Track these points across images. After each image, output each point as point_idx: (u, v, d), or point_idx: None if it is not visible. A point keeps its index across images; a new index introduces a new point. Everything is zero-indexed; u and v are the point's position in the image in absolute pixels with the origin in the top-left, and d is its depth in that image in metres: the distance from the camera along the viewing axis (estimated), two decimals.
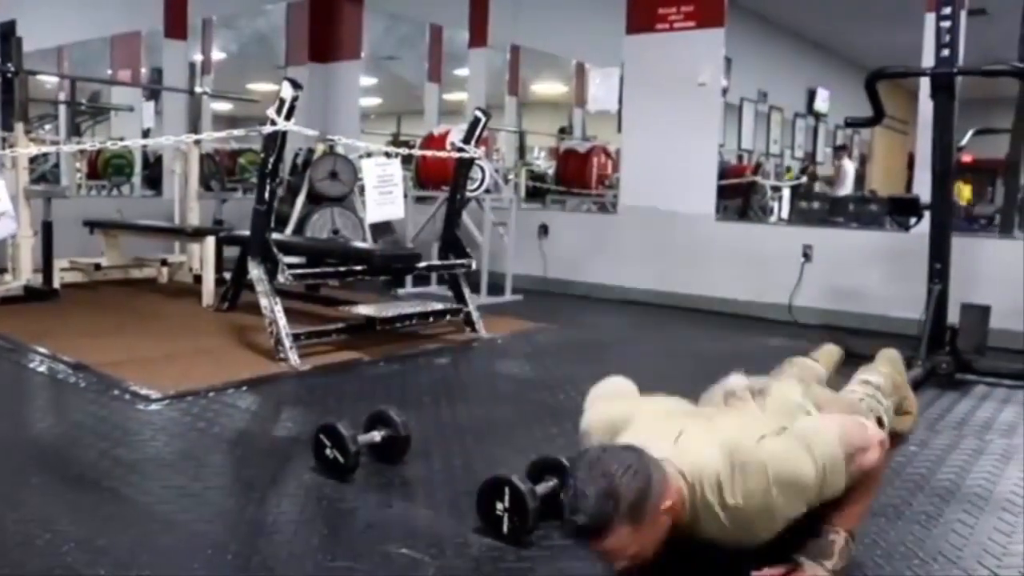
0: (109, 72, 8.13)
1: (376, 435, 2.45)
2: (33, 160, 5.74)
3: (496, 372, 3.90)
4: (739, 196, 7.51)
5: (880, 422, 2.17)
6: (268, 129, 3.81)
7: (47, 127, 7.60)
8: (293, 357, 3.67)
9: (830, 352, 2.81)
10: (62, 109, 7.42)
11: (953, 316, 3.92)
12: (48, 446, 2.65)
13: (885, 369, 2.45)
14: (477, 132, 4.71)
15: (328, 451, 2.33)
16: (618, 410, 1.98)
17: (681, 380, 3.19)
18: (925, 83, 4.12)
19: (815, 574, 1.76)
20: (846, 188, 9.74)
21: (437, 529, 2.00)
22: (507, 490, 1.95)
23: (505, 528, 1.94)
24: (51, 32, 7.28)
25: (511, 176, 7.84)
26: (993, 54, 4.35)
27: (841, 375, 2.58)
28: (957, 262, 3.97)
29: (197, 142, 6.04)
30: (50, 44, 7.56)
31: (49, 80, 7.65)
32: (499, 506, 1.95)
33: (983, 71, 3.88)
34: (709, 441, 1.77)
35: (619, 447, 1.72)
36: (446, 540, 1.94)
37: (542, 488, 2.01)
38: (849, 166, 10.04)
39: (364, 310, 4.33)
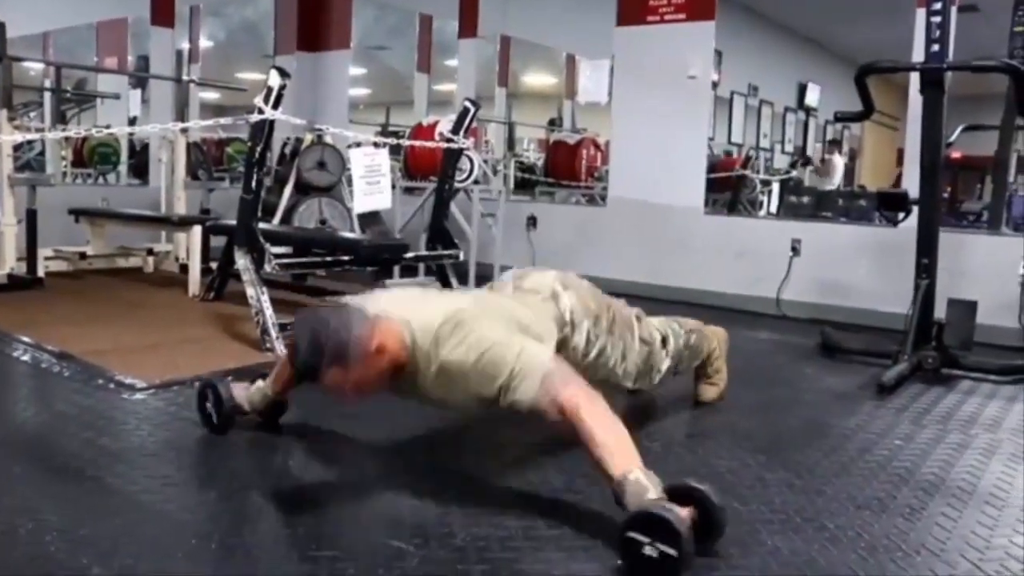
0: (95, 59, 8.07)
1: None
2: (17, 148, 5.69)
3: None
4: (728, 190, 7.52)
5: (665, 339, 2.77)
6: (255, 118, 3.79)
7: (32, 114, 7.55)
8: (279, 347, 3.66)
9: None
10: (47, 96, 7.36)
11: (940, 311, 3.93)
12: (31, 435, 2.63)
13: (708, 333, 3.00)
14: (466, 123, 4.70)
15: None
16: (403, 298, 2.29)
17: None
18: (915, 78, 4.13)
19: (650, 499, 1.78)
20: (835, 183, 9.77)
21: (421, 519, 2.00)
22: None
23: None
24: (36, 18, 7.22)
25: (500, 167, 7.83)
26: (983, 50, 4.36)
27: None
28: (945, 257, 3.99)
29: (184, 131, 6.00)
30: (35, 30, 7.50)
31: (34, 67, 7.59)
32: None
33: (973, 66, 3.89)
34: (443, 305, 2.13)
35: (328, 307, 2.09)
36: (430, 530, 1.94)
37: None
38: (838, 161, 10.07)
39: (351, 300, 4.31)
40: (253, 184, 3.87)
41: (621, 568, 1.76)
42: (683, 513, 1.75)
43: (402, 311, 2.09)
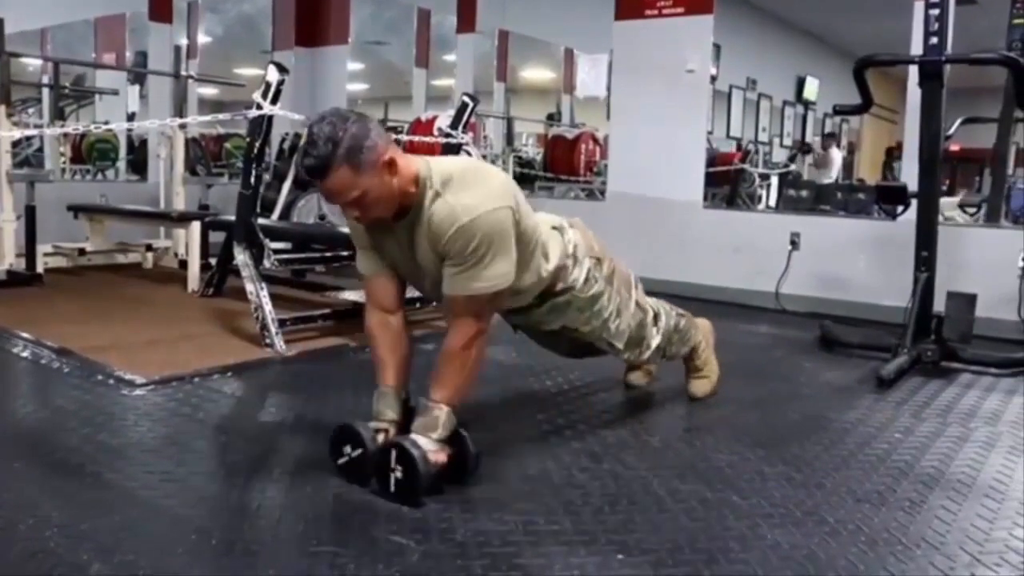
0: (93, 55, 8.04)
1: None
2: (16, 144, 5.67)
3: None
4: (727, 183, 7.51)
5: (657, 316, 2.81)
6: (254, 113, 3.78)
7: (30, 111, 7.53)
8: (279, 343, 3.66)
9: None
10: (45, 92, 7.33)
11: (939, 304, 3.94)
12: (31, 431, 2.63)
13: (685, 313, 2.98)
14: (465, 118, 4.69)
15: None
16: None
17: (661, 366, 3.20)
18: (913, 71, 4.12)
19: (426, 444, 2.07)
20: (833, 176, 9.76)
21: (422, 514, 2.00)
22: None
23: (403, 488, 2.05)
24: (34, 14, 7.19)
25: (499, 162, 7.82)
26: (982, 43, 4.35)
27: None
28: (944, 250, 3.99)
29: (182, 126, 6.01)
30: (33, 26, 7.48)
31: (32, 63, 7.56)
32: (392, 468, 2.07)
33: (971, 59, 3.88)
34: (465, 161, 2.21)
35: (346, 109, 2.06)
36: (431, 525, 1.94)
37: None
38: (836, 154, 10.06)
39: (351, 296, 4.32)
40: (252, 180, 3.86)
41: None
42: (436, 455, 2.06)
43: (429, 158, 2.13)
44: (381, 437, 2.21)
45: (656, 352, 2.86)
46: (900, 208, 4.18)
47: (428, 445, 2.08)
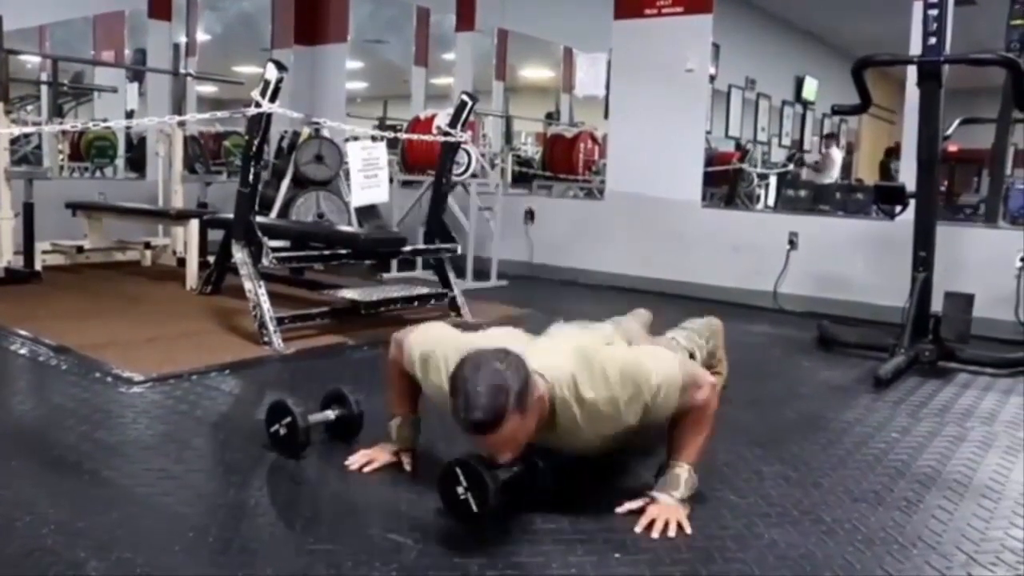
0: (92, 52, 8.03)
1: (331, 414, 2.48)
2: (14, 141, 5.66)
3: None
4: (725, 183, 7.51)
5: (693, 355, 2.74)
6: (253, 111, 3.78)
7: (29, 108, 7.51)
8: (277, 341, 3.66)
9: (641, 314, 3.12)
10: (44, 90, 7.32)
11: (937, 304, 3.94)
12: (29, 428, 2.63)
13: (704, 330, 2.97)
14: (463, 116, 4.68)
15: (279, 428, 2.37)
16: (463, 339, 2.15)
17: None
18: (912, 72, 4.12)
19: (666, 503, 2.00)
20: (832, 176, 9.76)
21: (420, 512, 2.00)
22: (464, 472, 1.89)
23: (474, 508, 1.87)
24: (33, 11, 7.18)
25: (497, 161, 7.82)
26: (980, 44, 4.36)
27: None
28: (942, 251, 3.99)
29: (181, 124, 6.00)
30: (32, 23, 7.47)
31: (31, 60, 7.55)
32: (460, 489, 1.88)
33: (970, 59, 3.88)
34: (557, 348, 2.07)
35: (492, 349, 1.88)
36: (429, 524, 1.94)
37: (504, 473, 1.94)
38: (836, 154, 10.05)
39: (349, 294, 4.31)
40: (250, 178, 3.86)
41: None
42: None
43: (541, 360, 1.96)
44: (408, 458, 2.28)
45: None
46: (898, 208, 4.18)
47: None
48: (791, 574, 1.78)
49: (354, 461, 2.28)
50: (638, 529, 1.94)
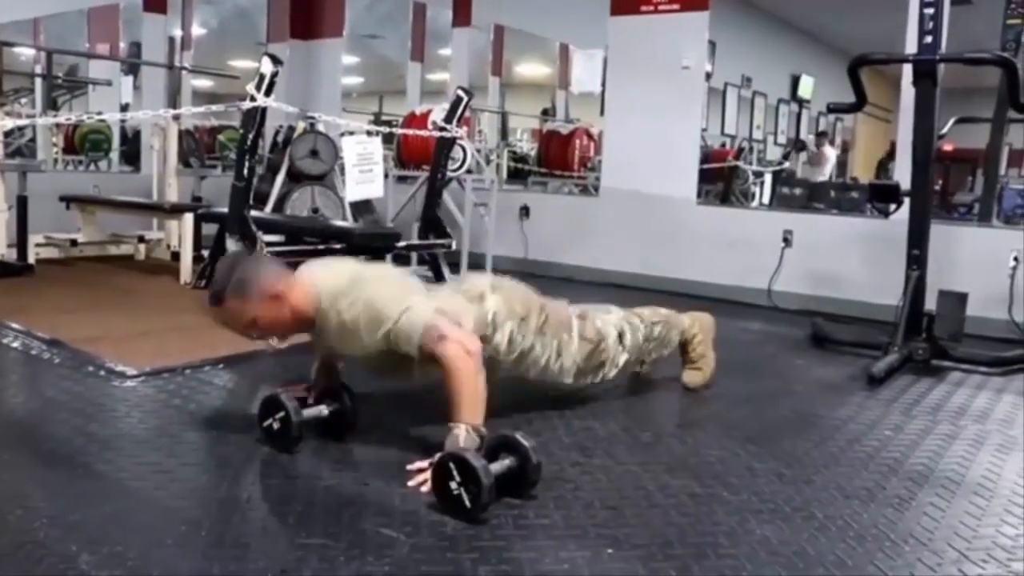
0: (87, 45, 8.01)
1: (324, 409, 2.49)
2: (8, 134, 5.65)
3: None
4: (721, 180, 7.52)
5: (621, 336, 2.89)
6: (248, 105, 3.77)
7: (23, 101, 7.49)
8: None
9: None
10: (38, 82, 7.30)
11: (931, 303, 3.95)
12: (21, 422, 2.62)
13: (652, 316, 3.05)
14: (459, 112, 4.69)
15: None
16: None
17: (663, 362, 3.21)
18: (908, 70, 4.13)
19: (450, 453, 2.05)
20: (826, 174, 9.78)
21: (412, 507, 2.00)
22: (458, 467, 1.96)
23: (467, 503, 1.94)
24: (27, 3, 7.17)
25: (493, 157, 7.81)
26: (976, 43, 4.36)
27: None
28: (936, 249, 4.00)
29: (176, 117, 5.98)
30: (26, 15, 7.45)
31: (25, 52, 7.53)
32: (453, 484, 1.96)
33: (965, 59, 3.89)
34: (343, 270, 2.46)
35: (248, 255, 2.52)
36: (421, 518, 1.94)
37: (497, 466, 2.02)
38: (829, 152, 10.07)
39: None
40: (245, 172, 3.86)
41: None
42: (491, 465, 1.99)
43: (323, 278, 2.42)
44: (312, 395, 2.60)
45: (628, 366, 2.98)
46: (893, 206, 4.19)
47: (475, 455, 2.02)
48: (783, 570, 1.78)
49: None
50: (411, 484, 2.12)
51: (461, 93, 4.72)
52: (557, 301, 2.85)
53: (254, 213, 4.03)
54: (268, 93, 3.74)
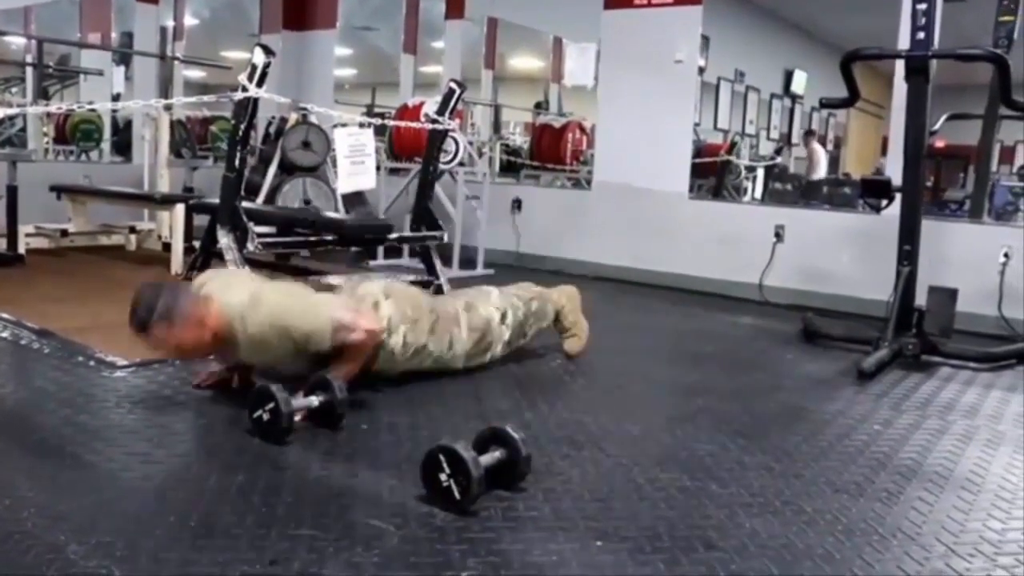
0: (78, 35, 7.97)
1: (314, 400, 2.49)
2: None
3: None
4: (713, 175, 7.53)
5: (504, 317, 3.21)
6: (239, 95, 3.76)
7: (14, 90, 7.46)
8: None
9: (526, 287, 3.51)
10: (29, 72, 7.26)
11: (921, 298, 3.96)
12: (10, 412, 2.61)
13: (526, 294, 3.36)
14: (451, 104, 4.67)
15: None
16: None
17: (645, 356, 3.22)
18: (900, 66, 4.13)
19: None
20: (820, 173, 9.79)
21: (402, 499, 2.00)
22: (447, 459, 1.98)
23: (456, 495, 1.95)
24: None
25: (485, 150, 7.80)
26: (968, 39, 4.37)
27: None
28: (926, 245, 4.01)
29: (168, 108, 5.96)
30: (17, 4, 7.40)
31: (16, 42, 7.49)
32: (443, 476, 1.97)
33: (957, 55, 3.89)
34: (244, 290, 2.64)
35: (167, 285, 2.64)
36: (410, 510, 1.94)
37: (487, 458, 2.03)
38: (819, 149, 10.09)
39: (335, 281, 4.30)
40: (237, 163, 3.84)
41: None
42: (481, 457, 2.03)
43: (228, 297, 2.59)
44: (235, 376, 2.85)
45: (511, 343, 3.29)
46: (884, 202, 4.19)
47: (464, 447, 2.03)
48: (772, 563, 1.79)
49: (200, 379, 2.86)
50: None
51: (454, 85, 4.71)
52: (444, 298, 3.22)
53: (245, 204, 4.01)
54: (260, 84, 3.72)
